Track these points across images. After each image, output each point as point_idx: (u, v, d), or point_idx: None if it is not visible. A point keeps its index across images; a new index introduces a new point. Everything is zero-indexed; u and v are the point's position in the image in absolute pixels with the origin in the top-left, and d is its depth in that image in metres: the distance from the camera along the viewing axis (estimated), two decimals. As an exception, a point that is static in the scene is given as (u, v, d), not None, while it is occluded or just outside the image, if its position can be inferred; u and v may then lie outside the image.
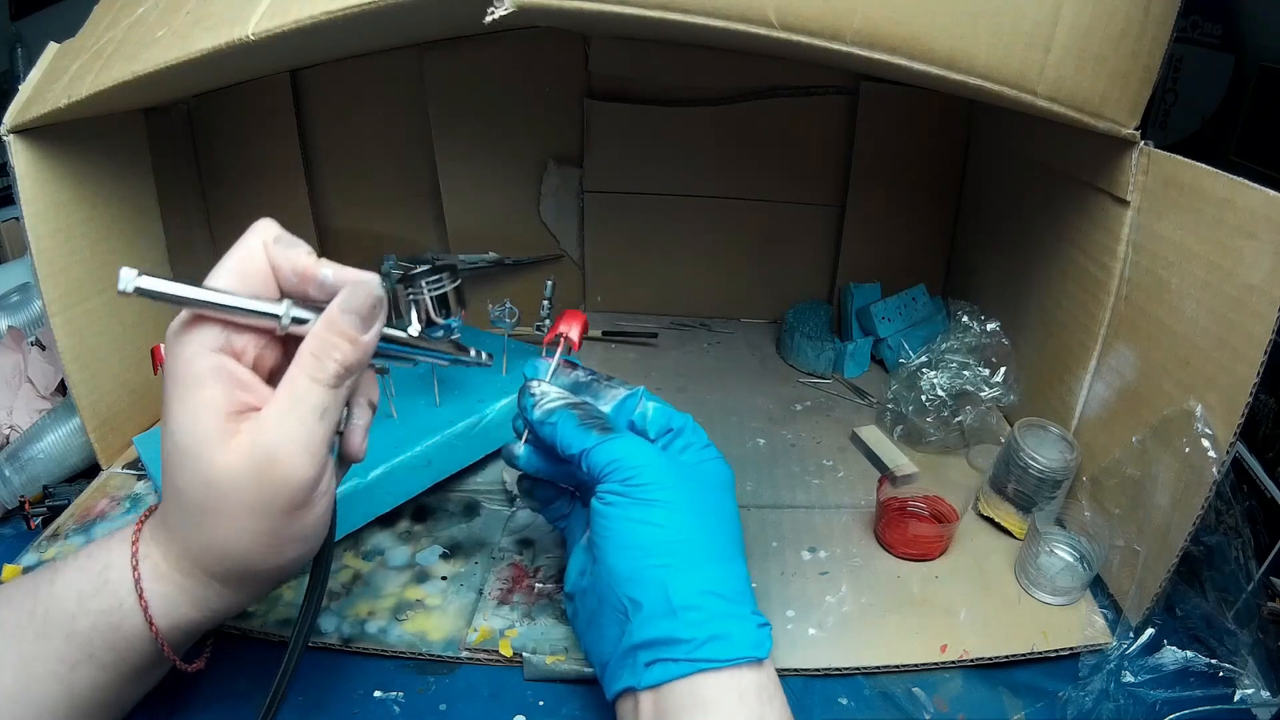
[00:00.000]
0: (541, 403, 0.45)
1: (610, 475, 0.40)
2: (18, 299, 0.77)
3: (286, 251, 0.35)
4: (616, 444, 0.41)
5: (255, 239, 0.36)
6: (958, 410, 0.66)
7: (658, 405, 0.46)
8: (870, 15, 0.42)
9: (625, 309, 0.92)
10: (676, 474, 0.41)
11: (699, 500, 0.41)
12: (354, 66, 0.79)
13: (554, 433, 0.43)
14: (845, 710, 0.47)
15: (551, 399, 0.45)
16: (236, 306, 0.34)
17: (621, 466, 0.40)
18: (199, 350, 0.33)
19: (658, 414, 0.46)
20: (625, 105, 0.82)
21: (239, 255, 0.35)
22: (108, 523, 0.58)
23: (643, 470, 0.40)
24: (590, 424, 0.43)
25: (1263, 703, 0.46)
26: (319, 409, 0.34)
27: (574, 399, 0.45)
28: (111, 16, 0.55)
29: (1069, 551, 0.54)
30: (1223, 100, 0.80)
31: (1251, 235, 0.43)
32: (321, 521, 0.37)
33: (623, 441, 0.41)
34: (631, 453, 0.41)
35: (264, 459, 0.33)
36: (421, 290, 0.41)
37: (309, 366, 0.34)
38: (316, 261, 0.36)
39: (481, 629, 0.50)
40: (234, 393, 0.34)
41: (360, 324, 0.35)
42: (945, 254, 0.87)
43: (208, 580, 0.36)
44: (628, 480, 0.40)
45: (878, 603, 0.53)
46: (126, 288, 0.32)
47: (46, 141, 0.56)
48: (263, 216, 0.38)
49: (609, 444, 0.41)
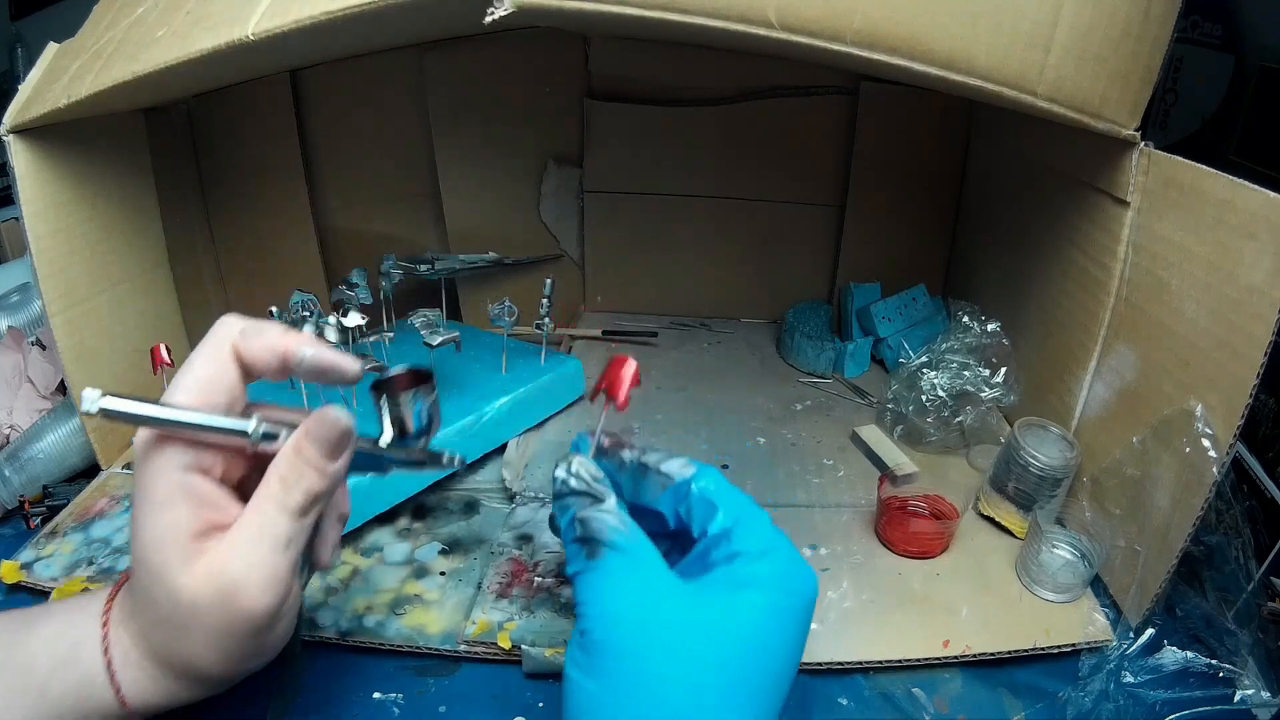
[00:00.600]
0: (560, 497, 0.36)
1: (578, 618, 0.32)
2: (18, 299, 0.77)
3: (258, 340, 0.34)
4: (589, 579, 0.32)
5: (220, 340, 0.34)
6: (958, 410, 0.66)
7: (705, 490, 0.35)
8: (870, 15, 0.42)
9: (625, 309, 0.92)
10: (664, 630, 0.30)
11: (700, 663, 0.30)
12: (354, 66, 0.79)
13: (565, 545, 0.35)
14: (845, 711, 0.47)
15: (569, 494, 0.35)
16: (203, 425, 0.33)
17: (585, 614, 0.31)
18: (165, 468, 0.32)
19: (700, 505, 0.35)
20: (625, 105, 0.82)
21: (203, 364, 0.34)
22: (107, 521, 0.58)
23: (600, 624, 0.30)
24: (582, 544, 0.33)
25: (1263, 703, 0.46)
26: (285, 539, 0.33)
27: (594, 496, 0.35)
28: (111, 16, 0.55)
29: (1070, 550, 0.54)
30: (1223, 100, 0.80)
31: (1251, 236, 0.43)
32: (285, 633, 0.36)
33: (597, 576, 0.32)
34: (600, 595, 0.31)
35: (228, 588, 0.32)
36: (399, 404, 0.38)
37: (277, 493, 0.33)
38: (296, 340, 0.35)
39: (480, 622, 0.50)
40: (201, 513, 0.33)
41: (329, 453, 0.34)
42: (945, 254, 0.88)
43: (174, 677, 0.35)
44: (585, 634, 0.31)
45: (879, 599, 0.53)
46: (90, 409, 0.31)
47: (46, 141, 0.56)
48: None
49: (584, 577, 0.32)
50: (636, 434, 0.70)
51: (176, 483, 0.32)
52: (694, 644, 0.30)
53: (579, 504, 0.35)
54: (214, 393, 0.33)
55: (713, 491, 0.35)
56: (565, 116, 0.84)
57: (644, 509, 0.37)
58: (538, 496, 0.61)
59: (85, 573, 0.53)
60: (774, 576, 0.32)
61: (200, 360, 0.34)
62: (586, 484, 0.35)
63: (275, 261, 0.84)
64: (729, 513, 0.34)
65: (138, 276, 0.68)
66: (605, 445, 0.38)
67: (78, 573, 0.53)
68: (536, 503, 0.61)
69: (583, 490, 0.35)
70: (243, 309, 0.89)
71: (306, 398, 0.65)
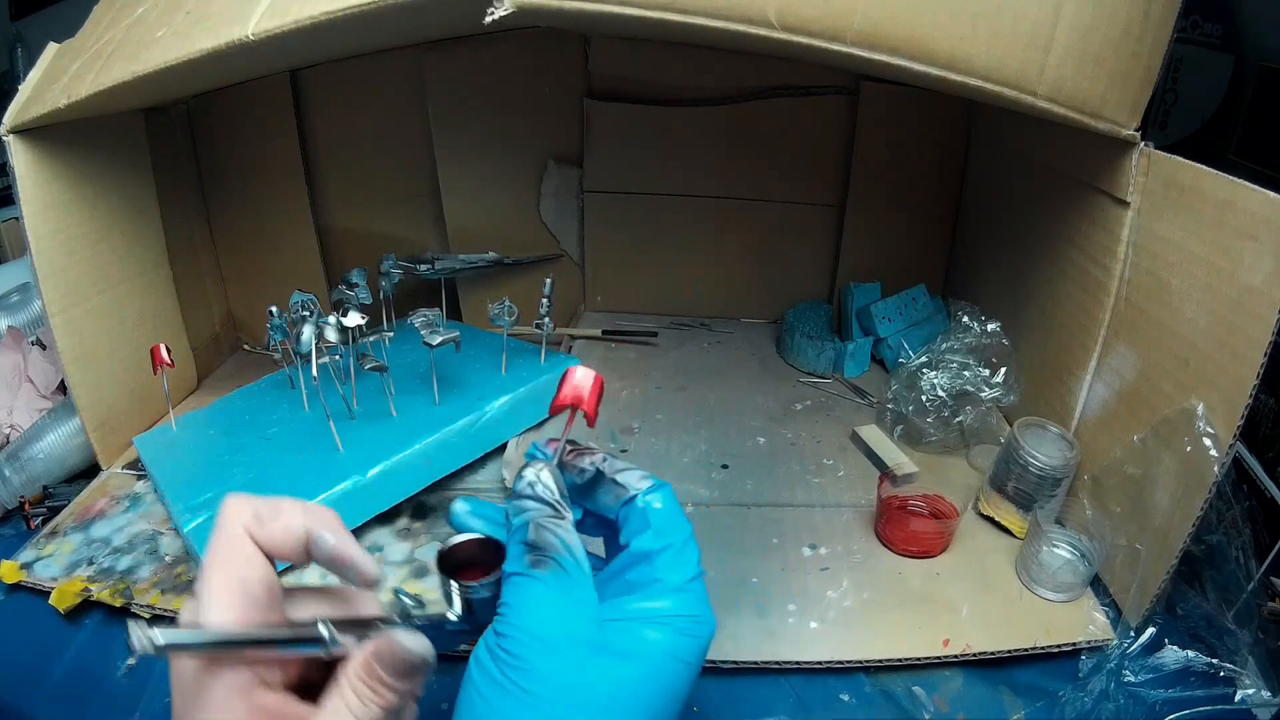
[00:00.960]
0: (520, 498, 0.35)
1: (498, 619, 0.31)
2: (18, 299, 0.77)
3: (276, 525, 0.31)
4: (526, 586, 0.31)
5: (235, 533, 0.31)
6: (958, 410, 0.66)
7: (647, 506, 0.35)
8: (870, 16, 0.42)
9: (625, 309, 0.92)
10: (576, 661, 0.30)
11: (599, 697, 0.30)
12: (354, 66, 0.79)
13: (510, 545, 0.34)
14: (846, 708, 0.47)
15: (531, 499, 0.35)
16: (275, 640, 0.30)
17: (509, 621, 0.31)
18: (230, 698, 0.29)
19: (636, 518, 0.35)
20: (625, 105, 0.82)
21: (230, 565, 0.30)
22: (106, 521, 0.58)
23: (524, 639, 0.30)
24: (530, 549, 0.33)
25: (1263, 703, 0.46)
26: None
27: (556, 509, 0.34)
28: (111, 16, 0.55)
29: (1070, 549, 0.54)
30: (1223, 100, 0.80)
31: (1252, 237, 0.43)
32: None
33: (535, 587, 0.31)
34: (532, 609, 0.31)
35: None
36: (471, 590, 0.35)
37: (354, 705, 0.30)
38: (318, 522, 0.32)
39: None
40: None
41: (402, 677, 0.31)
42: (945, 254, 0.88)
43: None
44: (502, 641, 0.30)
45: (879, 598, 0.53)
46: (145, 648, 0.27)
47: (46, 141, 0.56)
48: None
49: (522, 583, 0.32)
50: (636, 432, 0.70)
51: (246, 709, 0.29)
52: (598, 678, 0.30)
53: (538, 511, 0.34)
54: (257, 595, 0.30)
55: (654, 510, 0.35)
56: (565, 116, 0.84)
57: (596, 514, 0.37)
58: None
59: (85, 572, 0.53)
60: (682, 617, 0.32)
61: (224, 561, 0.30)
62: (551, 495, 0.35)
63: (275, 261, 0.85)
64: (660, 536, 0.34)
65: (138, 276, 0.68)
66: (567, 457, 0.37)
67: (78, 572, 0.53)
68: (537, 503, 0.61)
69: (546, 500, 0.35)
70: (243, 309, 0.90)
71: (307, 398, 0.65)
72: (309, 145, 0.82)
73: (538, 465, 0.36)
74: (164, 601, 0.51)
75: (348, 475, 0.55)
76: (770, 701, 0.47)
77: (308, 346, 0.56)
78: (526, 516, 0.34)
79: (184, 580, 0.53)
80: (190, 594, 0.31)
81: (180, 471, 0.60)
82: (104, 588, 0.52)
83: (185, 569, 0.54)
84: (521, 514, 0.34)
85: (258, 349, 0.86)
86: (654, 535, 0.34)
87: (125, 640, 0.26)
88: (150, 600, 0.51)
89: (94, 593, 0.52)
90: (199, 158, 0.80)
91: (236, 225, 0.83)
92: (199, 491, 0.56)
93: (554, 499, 0.35)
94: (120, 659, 0.49)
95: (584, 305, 0.92)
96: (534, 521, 0.33)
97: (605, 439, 0.69)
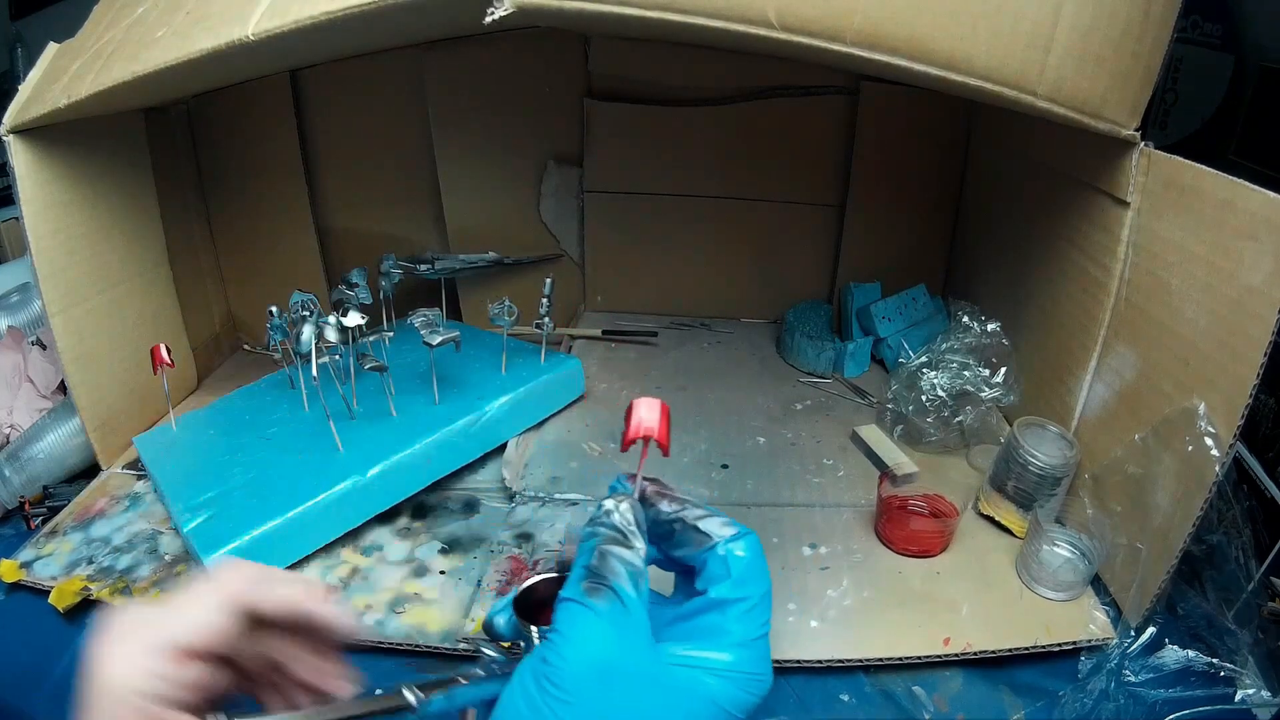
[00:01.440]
0: (594, 526, 0.34)
1: (545, 643, 0.31)
2: (18, 299, 0.77)
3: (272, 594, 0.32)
4: (582, 615, 0.31)
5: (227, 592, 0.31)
6: (958, 410, 0.66)
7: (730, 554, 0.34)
8: (870, 16, 0.42)
9: (625, 309, 0.92)
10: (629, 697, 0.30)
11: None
12: (354, 66, 0.79)
13: (576, 559, 0.33)
14: (846, 708, 0.47)
15: (604, 526, 0.34)
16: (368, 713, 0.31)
17: (560, 651, 0.30)
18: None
19: (716, 564, 0.34)
20: (625, 105, 0.82)
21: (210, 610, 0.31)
22: (106, 521, 0.58)
23: (574, 670, 0.29)
24: (590, 574, 0.32)
25: (1263, 703, 0.46)
26: None
27: (625, 539, 0.34)
28: (111, 16, 0.55)
29: (1070, 548, 0.54)
30: (1223, 100, 0.80)
31: (1252, 237, 0.43)
32: None
33: (591, 617, 0.30)
34: (586, 639, 0.30)
35: None
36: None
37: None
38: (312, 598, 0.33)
39: (479, 619, 0.50)
40: None
41: None
42: (945, 254, 0.88)
43: None
44: (550, 670, 0.30)
45: (879, 597, 0.53)
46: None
47: (46, 141, 0.56)
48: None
49: (577, 610, 0.31)
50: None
51: None
52: (639, 716, 0.30)
53: (607, 536, 0.33)
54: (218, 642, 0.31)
55: (735, 559, 0.34)
56: (565, 116, 0.84)
57: (676, 560, 0.36)
58: (537, 496, 0.61)
59: (85, 571, 0.53)
60: (743, 674, 0.32)
61: (205, 604, 0.31)
62: (626, 527, 0.34)
63: (275, 261, 0.85)
64: (739, 587, 0.33)
65: (138, 276, 0.68)
66: (646, 493, 0.36)
67: (77, 571, 0.53)
68: (536, 502, 0.61)
69: (622, 528, 0.34)
70: (243, 309, 0.90)
71: (307, 398, 0.65)
72: (309, 145, 0.82)
73: (619, 497, 0.35)
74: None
75: (348, 475, 0.55)
76: (770, 701, 0.47)
77: (308, 346, 0.56)
78: (594, 541, 0.33)
79: (184, 579, 0.53)
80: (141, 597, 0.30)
81: (180, 471, 0.60)
82: (103, 587, 0.52)
83: (185, 568, 0.54)
84: (590, 538, 0.34)
85: (258, 349, 0.86)
86: (732, 585, 0.33)
87: None
88: (150, 599, 0.51)
89: (93, 592, 0.52)
90: (199, 158, 0.80)
91: (236, 225, 0.83)
92: (199, 491, 0.56)
93: (627, 528, 0.34)
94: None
95: (584, 305, 0.92)
96: (599, 547, 0.33)
97: (606, 439, 0.69)
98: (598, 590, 0.31)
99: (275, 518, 0.52)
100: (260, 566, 0.32)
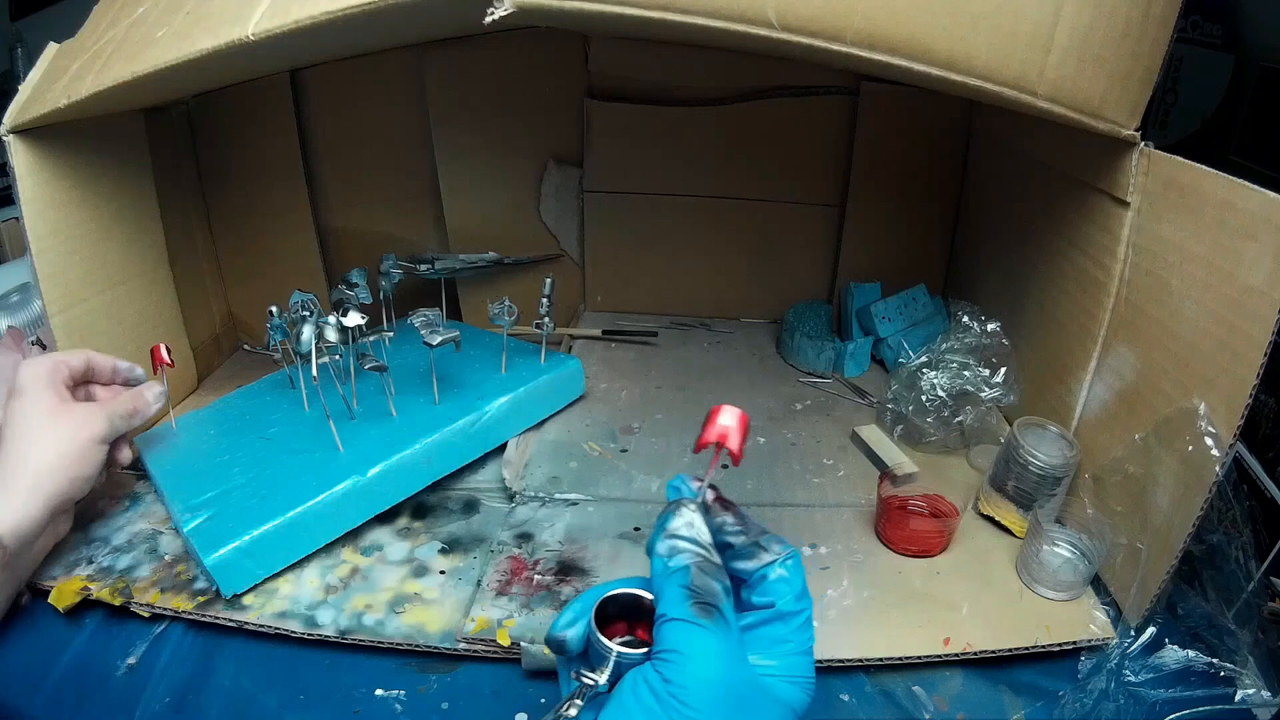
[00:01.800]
0: (674, 538, 0.35)
1: (662, 664, 0.32)
2: (18, 299, 0.77)
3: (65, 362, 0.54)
4: (697, 636, 0.32)
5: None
6: (958, 410, 0.66)
7: (789, 571, 0.36)
8: (870, 16, 0.42)
9: (625, 309, 0.92)
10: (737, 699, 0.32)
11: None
12: (354, 66, 0.79)
13: (661, 585, 0.34)
14: (847, 708, 0.47)
15: (685, 540, 0.35)
16: None
17: (681, 669, 0.32)
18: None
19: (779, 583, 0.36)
20: (625, 105, 0.82)
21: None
22: (106, 520, 0.58)
23: (696, 687, 0.31)
24: (695, 594, 0.33)
25: (1263, 703, 0.46)
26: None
27: (708, 553, 0.35)
28: (111, 16, 0.55)
29: (1070, 548, 0.54)
30: (1223, 100, 0.80)
31: (1251, 237, 0.43)
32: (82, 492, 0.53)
33: (706, 637, 0.32)
34: (705, 658, 0.32)
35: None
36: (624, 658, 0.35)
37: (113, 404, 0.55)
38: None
39: (479, 619, 0.50)
40: None
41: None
42: (945, 254, 0.88)
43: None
44: (671, 688, 0.32)
45: (879, 597, 0.53)
46: None
47: (46, 141, 0.56)
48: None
49: (691, 631, 0.32)
50: (636, 432, 0.70)
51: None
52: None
53: (694, 554, 0.35)
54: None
55: (796, 575, 0.36)
56: (565, 116, 0.84)
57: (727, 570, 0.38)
58: (537, 496, 0.61)
59: (84, 571, 0.53)
60: (807, 679, 0.35)
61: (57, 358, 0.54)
62: (706, 541, 0.35)
63: (275, 261, 0.85)
64: (800, 600, 0.36)
65: (138, 276, 0.68)
66: (708, 501, 0.37)
67: (77, 571, 0.53)
68: (536, 502, 0.61)
69: (703, 543, 0.35)
70: (243, 309, 0.90)
71: (307, 398, 0.65)
72: (309, 145, 0.82)
73: (690, 506, 0.36)
74: (163, 600, 0.51)
75: (348, 475, 0.55)
76: (770, 701, 0.47)
77: (308, 346, 0.56)
78: (683, 560, 0.35)
79: (183, 579, 0.53)
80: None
81: (180, 471, 0.60)
82: (103, 586, 0.52)
83: (185, 568, 0.54)
84: (677, 554, 0.35)
85: (258, 349, 0.86)
86: (795, 599, 0.35)
87: None
88: (150, 599, 0.51)
89: (93, 591, 0.52)
90: (199, 158, 0.80)
91: (236, 225, 0.83)
92: (199, 491, 0.56)
93: (707, 542, 0.36)
94: (120, 658, 0.49)
95: (584, 305, 0.92)
96: (696, 566, 0.34)
97: (606, 439, 0.69)
98: (708, 612, 0.33)
99: (275, 518, 0.52)
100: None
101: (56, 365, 0.53)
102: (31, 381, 0.52)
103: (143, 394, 0.57)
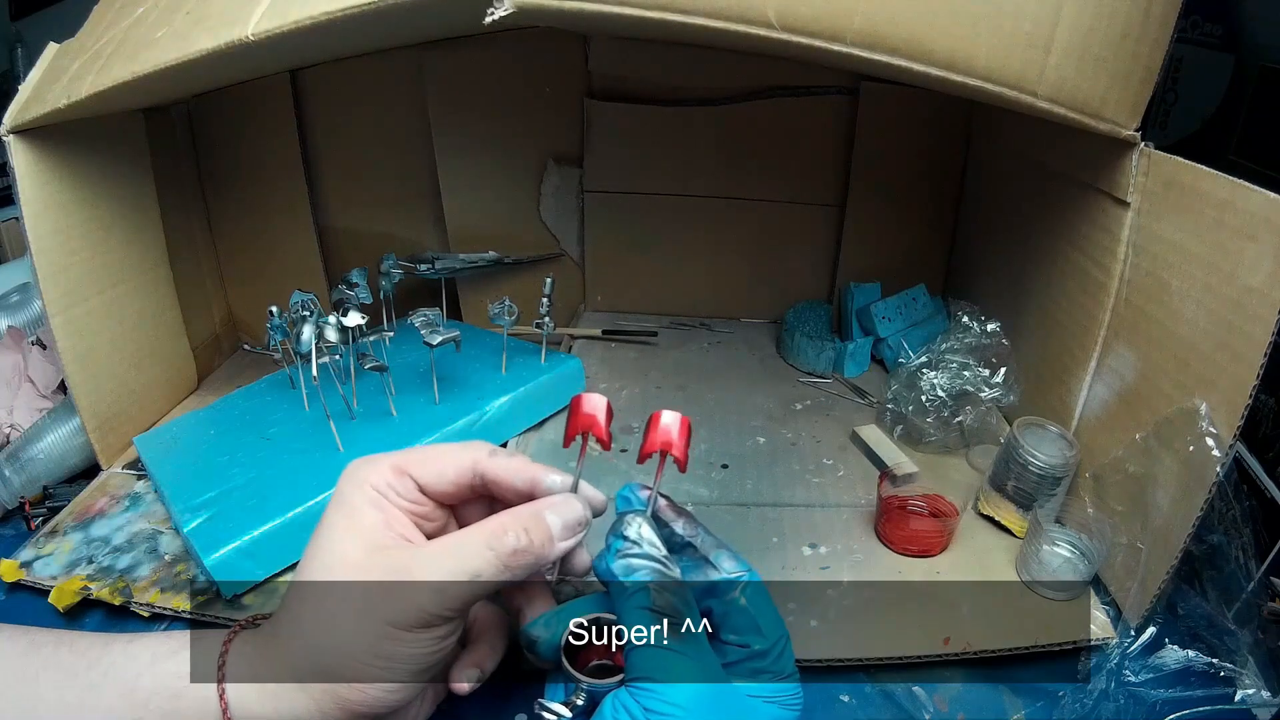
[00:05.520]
0: (628, 556, 0.34)
1: (639, 692, 0.31)
2: (18, 299, 0.77)
3: (508, 462, 0.38)
4: (672, 661, 0.32)
5: (470, 452, 0.38)
6: (958, 410, 0.66)
7: (752, 602, 0.35)
8: (870, 16, 0.42)
9: (625, 309, 0.92)
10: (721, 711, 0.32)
11: None
12: (354, 66, 0.79)
13: (621, 607, 0.34)
14: (846, 708, 0.47)
15: (640, 557, 0.34)
16: None
17: (662, 699, 0.31)
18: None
19: (742, 616, 0.35)
20: (625, 105, 0.82)
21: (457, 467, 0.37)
22: (106, 520, 0.58)
23: (671, 709, 0.31)
24: (658, 615, 0.32)
25: (1263, 703, 0.46)
26: (474, 570, 0.33)
27: (666, 567, 0.34)
28: (111, 16, 0.55)
29: (1070, 548, 0.54)
30: (1223, 100, 0.80)
31: (1251, 237, 0.43)
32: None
33: (682, 662, 0.31)
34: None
35: (400, 566, 0.33)
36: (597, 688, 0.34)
37: (492, 530, 0.34)
38: (543, 469, 0.38)
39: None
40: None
41: (564, 533, 0.35)
42: (945, 254, 0.88)
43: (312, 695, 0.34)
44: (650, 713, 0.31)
45: (879, 597, 0.53)
46: None
47: (46, 141, 0.56)
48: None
49: (664, 656, 0.32)
50: (636, 432, 0.70)
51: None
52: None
53: (651, 572, 0.34)
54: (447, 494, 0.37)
55: (755, 607, 0.36)
56: (565, 116, 0.84)
57: None
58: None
59: (85, 571, 0.53)
60: (790, 696, 0.35)
61: (448, 459, 0.37)
62: (659, 553, 0.34)
63: (275, 261, 0.85)
64: (767, 637, 0.35)
65: (138, 276, 0.68)
66: (659, 509, 0.36)
67: (77, 571, 0.53)
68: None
69: (656, 556, 0.34)
70: (243, 309, 0.90)
71: (307, 398, 0.65)
72: (309, 145, 0.82)
73: (638, 519, 0.35)
74: (163, 600, 0.51)
75: (348, 475, 0.55)
76: (770, 701, 0.47)
77: (308, 346, 0.56)
78: (640, 576, 0.34)
79: (183, 579, 0.53)
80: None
81: (180, 471, 0.60)
82: (103, 586, 0.52)
83: (185, 568, 0.54)
84: (632, 573, 0.34)
85: (258, 349, 0.86)
86: (762, 637, 0.35)
87: None
88: (150, 599, 0.51)
89: (93, 591, 0.52)
90: (199, 158, 0.80)
91: (236, 225, 0.83)
92: (199, 491, 0.56)
93: (663, 555, 0.35)
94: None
95: (584, 305, 0.92)
96: (654, 585, 0.33)
97: (605, 439, 0.69)
98: (675, 631, 0.32)
99: (276, 518, 0.52)
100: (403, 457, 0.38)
101: None
102: None
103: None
